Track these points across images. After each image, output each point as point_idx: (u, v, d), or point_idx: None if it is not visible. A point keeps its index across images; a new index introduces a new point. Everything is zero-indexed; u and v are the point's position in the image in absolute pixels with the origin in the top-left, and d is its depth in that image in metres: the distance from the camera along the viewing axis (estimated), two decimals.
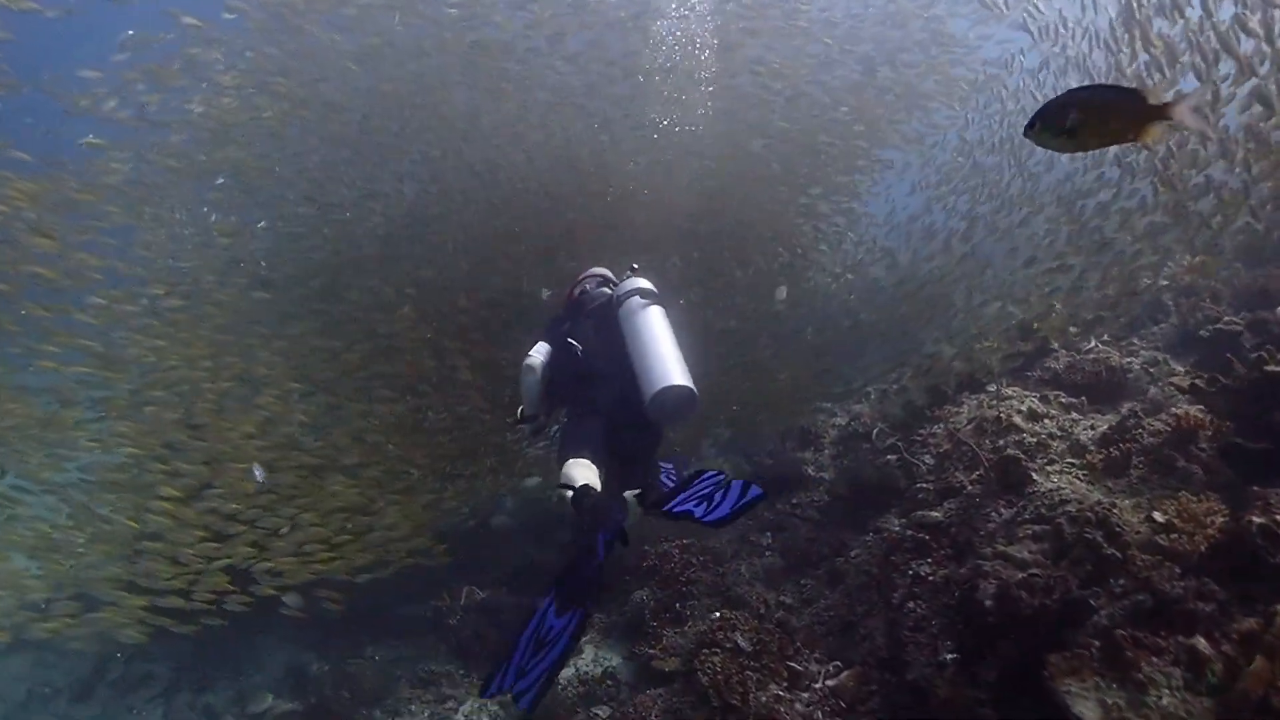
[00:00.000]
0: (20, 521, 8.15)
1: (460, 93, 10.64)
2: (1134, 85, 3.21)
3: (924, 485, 6.50)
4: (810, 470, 8.22)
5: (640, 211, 10.74)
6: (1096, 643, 3.89)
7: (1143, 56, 8.16)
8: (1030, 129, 3.32)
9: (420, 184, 10.70)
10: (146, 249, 9.27)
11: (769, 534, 7.52)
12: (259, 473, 7.51)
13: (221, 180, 9.89)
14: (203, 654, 9.87)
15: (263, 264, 10.27)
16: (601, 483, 4.81)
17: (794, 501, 7.80)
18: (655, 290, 5.65)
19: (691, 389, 5.01)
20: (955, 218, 12.10)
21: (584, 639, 5.06)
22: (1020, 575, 4.53)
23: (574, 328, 5.64)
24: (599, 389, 5.29)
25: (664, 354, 5.11)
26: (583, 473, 4.78)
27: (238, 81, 9.70)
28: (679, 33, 11.03)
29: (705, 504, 4.68)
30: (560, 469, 4.87)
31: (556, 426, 5.88)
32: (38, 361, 7.97)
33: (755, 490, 4.77)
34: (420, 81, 10.45)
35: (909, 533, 5.77)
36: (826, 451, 8.63)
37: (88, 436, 8.42)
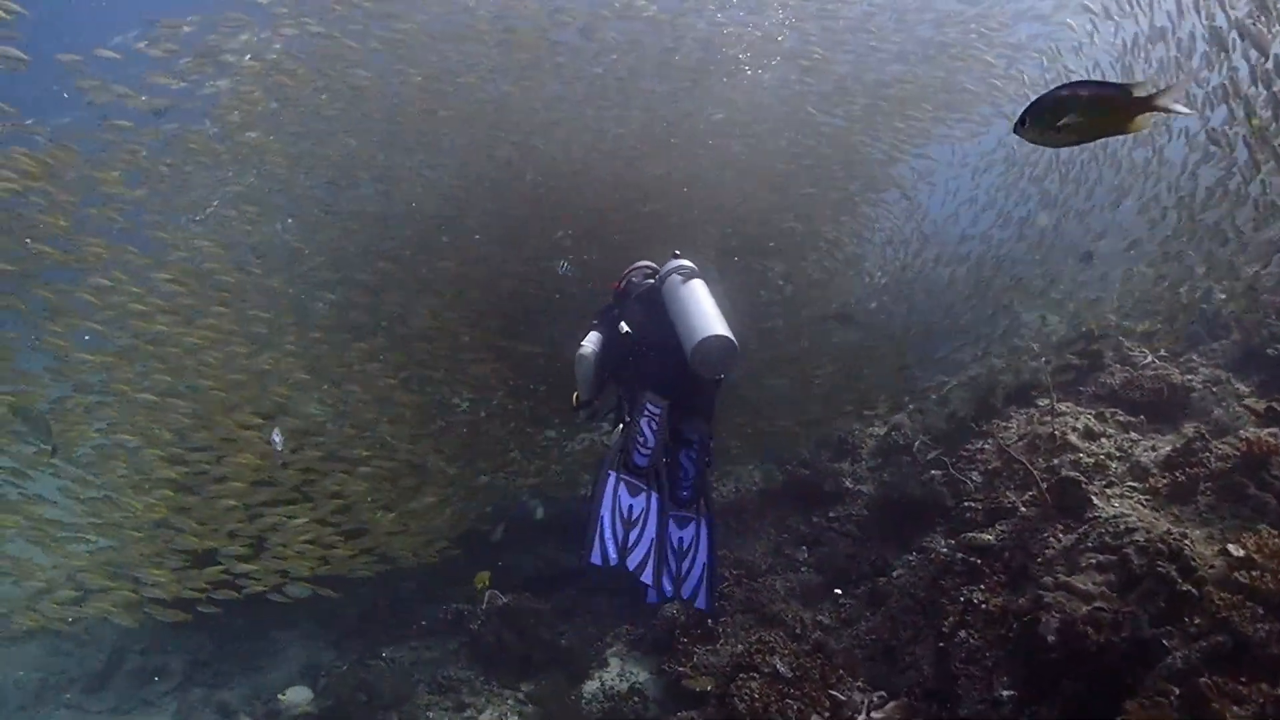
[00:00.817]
0: (25, 508, 7.98)
1: (490, 82, 10.44)
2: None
3: (972, 504, 6.21)
4: (848, 482, 7.93)
5: (675, 209, 10.51)
6: (1176, 689, 3.60)
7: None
8: (1021, 125, 3.41)
9: (448, 172, 10.47)
10: (162, 232, 9.05)
11: (805, 548, 7.26)
12: (278, 438, 7.34)
13: (232, 173, 9.68)
14: (220, 648, 9.73)
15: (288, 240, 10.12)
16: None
17: (831, 515, 7.53)
18: (695, 267, 5.87)
19: (731, 338, 5.19)
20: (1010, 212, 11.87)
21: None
22: (1085, 609, 4.25)
23: (623, 313, 5.91)
24: (650, 362, 5.56)
25: (704, 311, 5.34)
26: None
27: (261, 68, 9.51)
28: (722, 29, 10.78)
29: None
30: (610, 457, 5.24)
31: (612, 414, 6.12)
32: (44, 339, 7.82)
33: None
34: (451, 69, 10.27)
35: (959, 555, 5.48)
36: (864, 463, 8.33)
37: (95, 422, 8.25)
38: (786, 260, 11.81)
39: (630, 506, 4.67)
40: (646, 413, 5.01)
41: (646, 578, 4.67)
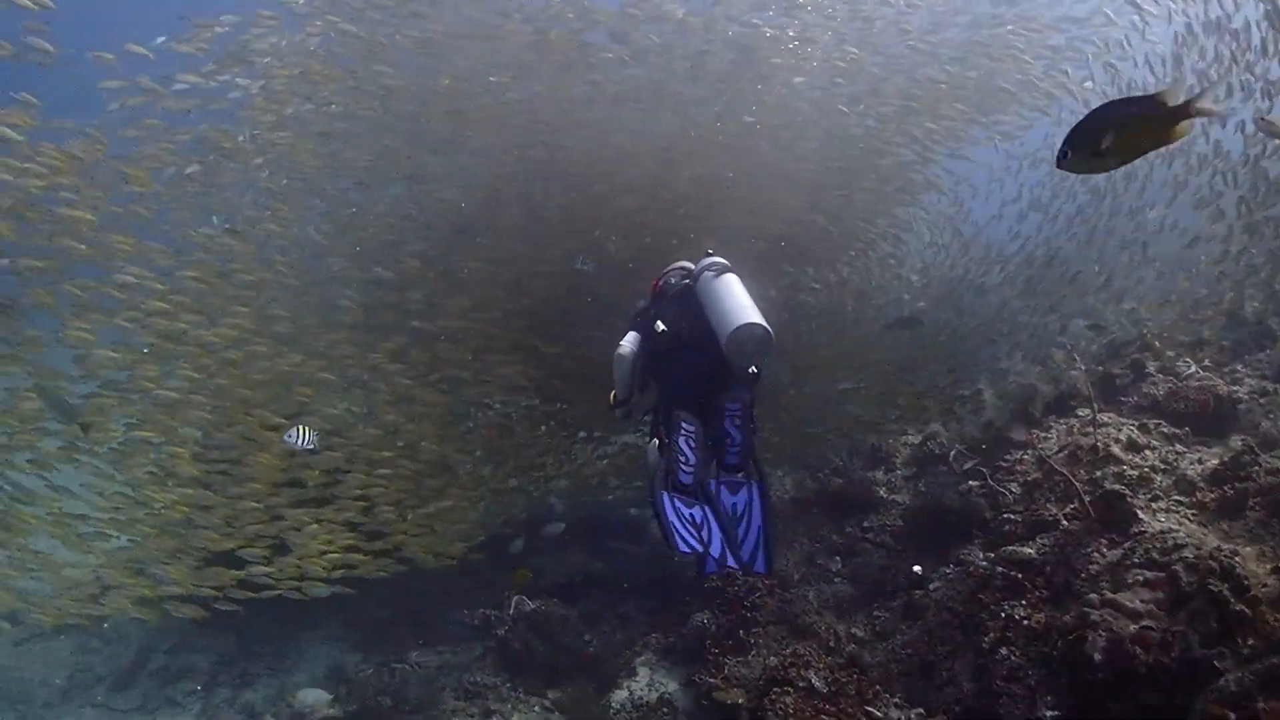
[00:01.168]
0: (50, 503, 8.01)
1: (521, 83, 10.40)
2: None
3: (1011, 516, 6.09)
4: (882, 492, 7.81)
5: (708, 212, 10.44)
6: (1230, 714, 3.49)
7: None
8: (1063, 158, 3.39)
9: (475, 173, 10.44)
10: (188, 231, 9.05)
11: (838, 558, 7.15)
12: (300, 437, 7.33)
13: (267, 173, 9.67)
14: (245, 648, 9.74)
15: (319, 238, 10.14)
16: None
17: (865, 525, 7.41)
18: (728, 263, 5.92)
19: (765, 326, 5.23)
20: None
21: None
22: (1133, 628, 4.14)
23: (659, 312, 5.97)
24: (686, 358, 5.62)
25: (738, 302, 5.40)
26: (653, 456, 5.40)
27: (291, 70, 9.52)
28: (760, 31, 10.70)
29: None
30: (648, 460, 5.56)
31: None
32: (66, 332, 7.84)
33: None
34: (480, 70, 10.25)
35: (999, 569, 5.37)
36: (899, 472, 8.20)
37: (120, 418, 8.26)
38: (820, 263, 11.72)
39: (691, 514, 4.79)
40: (683, 431, 5.08)
41: (730, 561, 4.78)
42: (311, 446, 7.23)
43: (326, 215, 10.12)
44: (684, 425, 5.10)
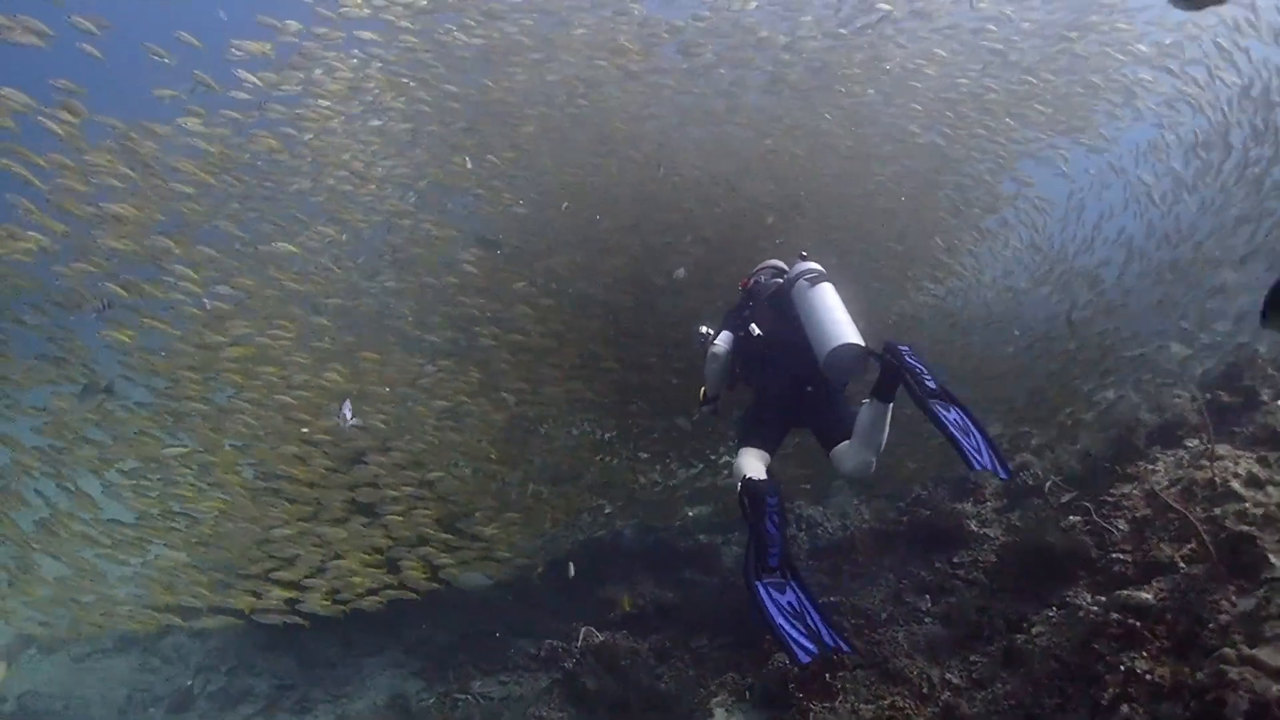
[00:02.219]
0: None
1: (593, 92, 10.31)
2: None
3: (1120, 556, 5.71)
4: (973, 525, 7.42)
5: (784, 223, 10.24)
6: None
7: None
8: (1265, 319, 3.67)
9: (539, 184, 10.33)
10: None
11: (928, 596, 6.78)
12: (348, 413, 7.22)
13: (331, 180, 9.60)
14: (306, 673, 9.64)
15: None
16: (768, 469, 5.71)
17: (955, 561, 7.04)
18: (824, 270, 6.13)
19: (863, 345, 5.48)
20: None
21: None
22: (1278, 689, 3.76)
23: (753, 314, 6.30)
24: (780, 364, 5.97)
25: (836, 318, 5.60)
26: (751, 464, 5.68)
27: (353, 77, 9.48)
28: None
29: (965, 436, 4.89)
30: (736, 458, 5.83)
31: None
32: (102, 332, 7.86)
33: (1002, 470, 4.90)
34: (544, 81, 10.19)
35: (1113, 615, 4.99)
36: (989, 504, 7.81)
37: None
38: (903, 279, 11.46)
39: (789, 603, 4.88)
40: (768, 508, 5.16)
41: (843, 646, 4.88)
42: (358, 422, 7.33)
43: (387, 224, 9.99)
44: (769, 501, 5.17)
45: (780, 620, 4.74)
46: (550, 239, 10.21)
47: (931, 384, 5.12)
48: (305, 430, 8.00)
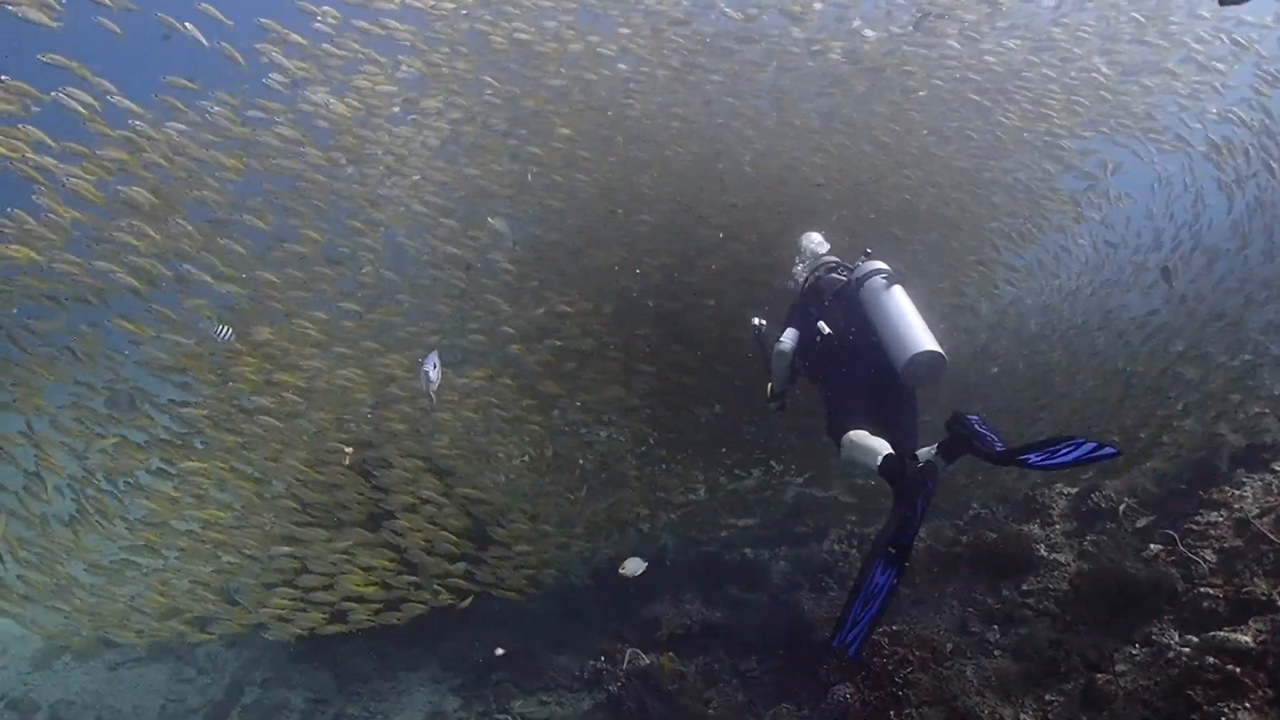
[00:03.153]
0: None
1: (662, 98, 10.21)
2: None
3: (1209, 591, 5.38)
4: (1041, 549, 7.06)
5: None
6: None
7: None
8: None
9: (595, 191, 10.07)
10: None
11: (996, 627, 6.45)
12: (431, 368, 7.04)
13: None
14: (342, 687, 9.47)
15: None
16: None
17: (1024, 588, 6.69)
18: (892, 270, 6.28)
19: (942, 353, 5.71)
20: None
21: None
22: None
23: (821, 312, 6.43)
24: (852, 364, 6.14)
25: (913, 323, 5.80)
26: (875, 442, 5.56)
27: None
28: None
29: (1044, 455, 4.87)
30: (842, 441, 5.81)
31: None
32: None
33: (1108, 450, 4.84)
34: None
35: (1209, 659, 4.65)
36: (1058, 527, 7.43)
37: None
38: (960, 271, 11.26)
39: (878, 584, 4.92)
40: (926, 491, 5.09)
41: (851, 650, 4.95)
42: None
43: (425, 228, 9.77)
44: (928, 485, 5.11)
45: (859, 600, 4.86)
46: (590, 237, 10.01)
47: (1000, 449, 5.09)
48: (347, 450, 7.84)
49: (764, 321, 7.06)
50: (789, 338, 6.55)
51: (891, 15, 10.50)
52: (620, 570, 7.61)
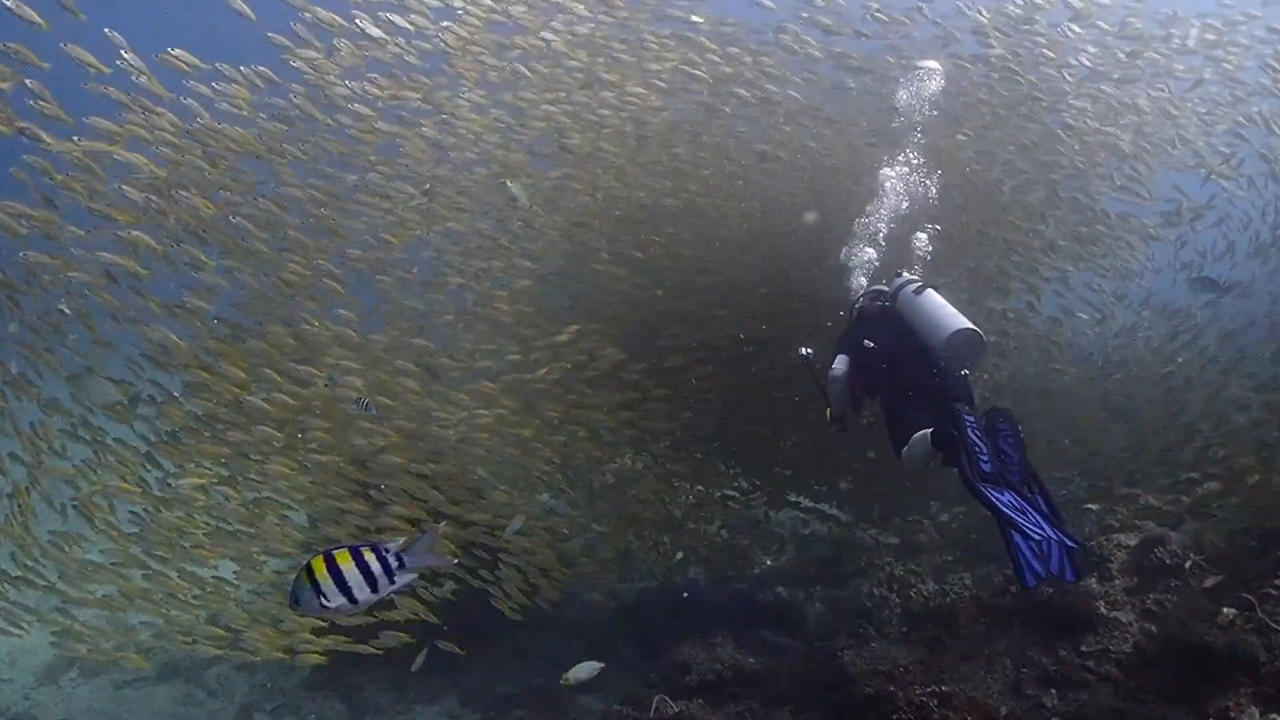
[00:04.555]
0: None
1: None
2: None
3: None
4: (1101, 606, 6.70)
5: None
6: None
7: None
8: None
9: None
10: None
11: (1054, 691, 6.09)
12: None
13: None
14: (356, 717, 9.22)
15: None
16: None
17: (1084, 649, 6.33)
18: (923, 280, 6.75)
19: (977, 329, 6.06)
20: None
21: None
22: None
23: (867, 333, 6.78)
24: (903, 372, 6.39)
25: (946, 310, 6.23)
26: (919, 434, 5.81)
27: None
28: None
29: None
30: (904, 460, 6.08)
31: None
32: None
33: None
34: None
35: None
36: (1118, 582, 7.04)
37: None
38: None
39: (1010, 500, 5.03)
40: (968, 423, 5.38)
41: (1062, 551, 5.11)
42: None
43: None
44: (966, 417, 5.42)
45: (1014, 514, 4.93)
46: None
47: (1017, 475, 5.40)
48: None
49: (812, 351, 7.24)
50: (839, 363, 6.94)
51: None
52: (563, 679, 7.40)
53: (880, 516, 10.67)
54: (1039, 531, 4.89)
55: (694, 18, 9.49)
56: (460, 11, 8.78)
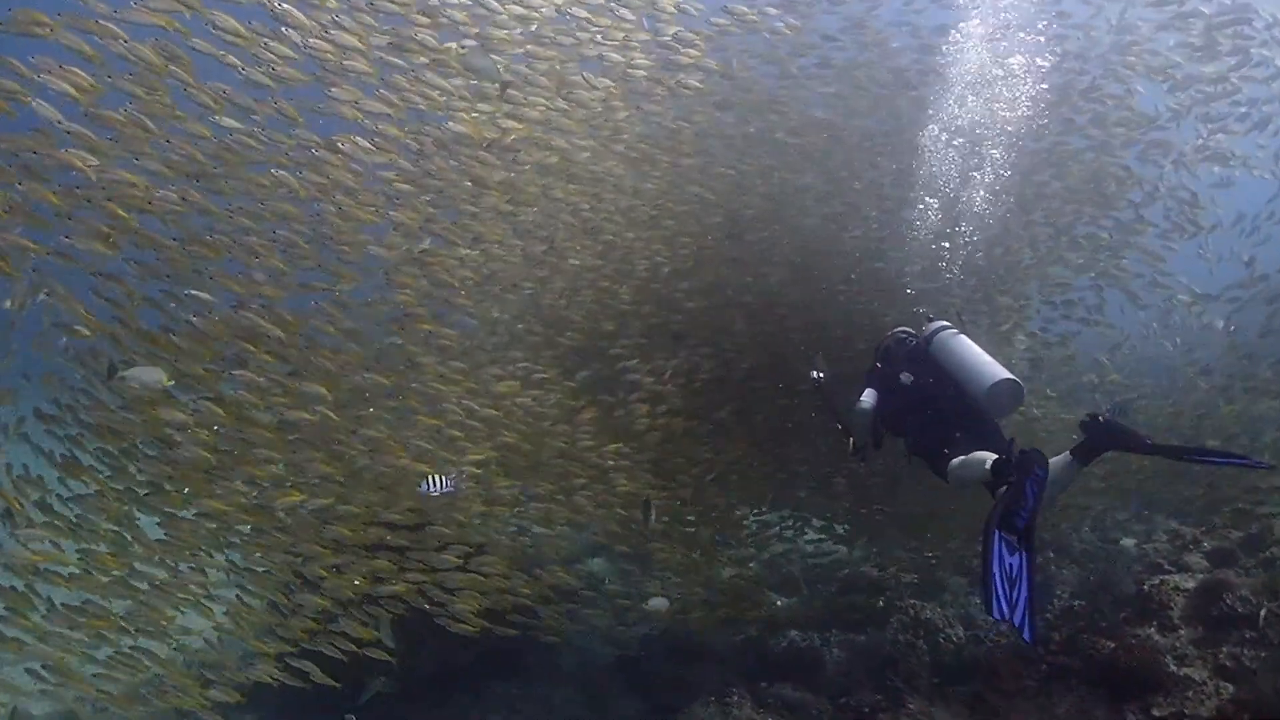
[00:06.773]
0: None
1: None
2: None
3: None
4: (1169, 663, 6.08)
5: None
6: None
7: None
8: None
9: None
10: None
11: None
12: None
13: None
14: None
15: None
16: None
17: (1156, 714, 5.71)
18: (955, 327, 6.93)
19: (1018, 380, 6.23)
20: None
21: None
22: None
23: (900, 370, 6.95)
24: (936, 408, 6.54)
25: (985, 359, 6.41)
26: (984, 454, 5.69)
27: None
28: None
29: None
30: (951, 473, 6.05)
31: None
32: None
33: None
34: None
35: None
36: (1182, 633, 6.44)
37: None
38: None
39: (1010, 565, 4.91)
40: (1035, 476, 5.15)
41: (1026, 633, 4.86)
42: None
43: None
44: (1038, 471, 5.17)
45: (996, 570, 4.81)
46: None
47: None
48: None
49: (823, 374, 7.47)
50: (868, 397, 7.02)
51: None
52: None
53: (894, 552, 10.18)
54: (1006, 611, 4.76)
55: None
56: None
